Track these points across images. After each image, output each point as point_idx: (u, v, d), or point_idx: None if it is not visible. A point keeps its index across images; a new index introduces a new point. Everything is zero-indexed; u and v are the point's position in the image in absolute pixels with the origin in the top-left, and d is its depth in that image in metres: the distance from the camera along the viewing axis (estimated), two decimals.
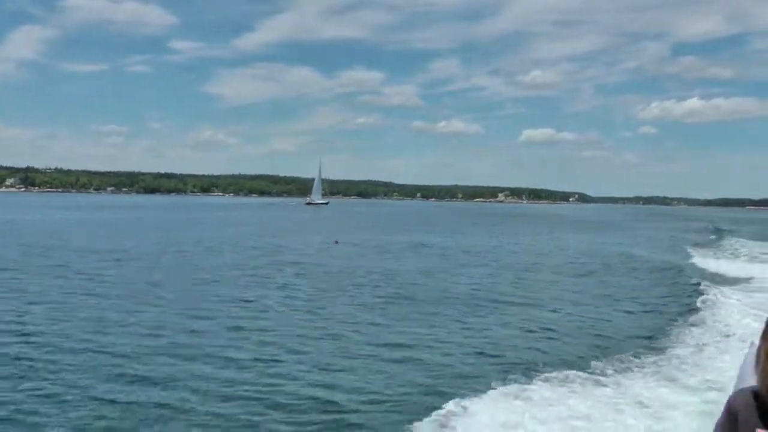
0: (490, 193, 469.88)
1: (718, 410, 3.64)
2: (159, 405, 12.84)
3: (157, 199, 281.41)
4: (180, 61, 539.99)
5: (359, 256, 45.50)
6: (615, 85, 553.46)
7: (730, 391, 3.97)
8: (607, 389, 13.23)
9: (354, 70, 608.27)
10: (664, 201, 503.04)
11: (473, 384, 13.90)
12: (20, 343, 17.43)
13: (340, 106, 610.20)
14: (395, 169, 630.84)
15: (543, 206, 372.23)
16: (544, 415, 11.41)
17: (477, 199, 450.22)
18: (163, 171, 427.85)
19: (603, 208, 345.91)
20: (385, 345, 18.23)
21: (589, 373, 14.45)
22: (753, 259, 43.57)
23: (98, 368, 15.13)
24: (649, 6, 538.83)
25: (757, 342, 3.60)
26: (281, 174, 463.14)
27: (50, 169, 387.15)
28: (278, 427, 11.98)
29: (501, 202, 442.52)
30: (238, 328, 20.10)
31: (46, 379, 14.24)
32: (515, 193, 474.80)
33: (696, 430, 10.79)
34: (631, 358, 16.02)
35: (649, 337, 19.09)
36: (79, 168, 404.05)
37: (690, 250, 51.44)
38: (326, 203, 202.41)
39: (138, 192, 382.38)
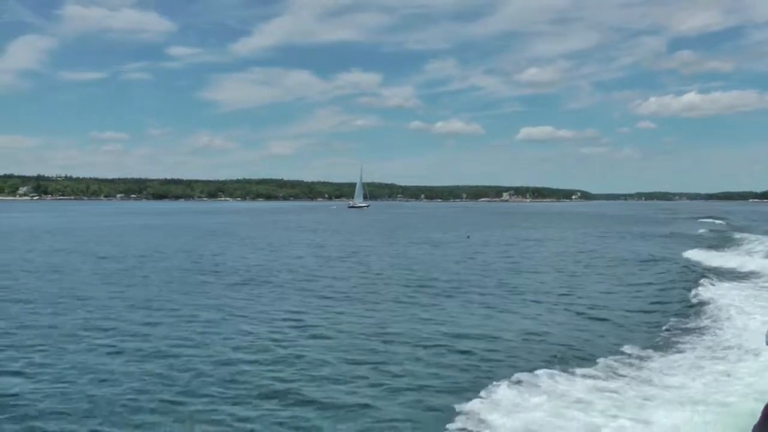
0: (495, 192, 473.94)
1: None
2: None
3: (174, 205, 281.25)
4: (178, 67, 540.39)
5: (510, 247, 49.89)
6: (612, 81, 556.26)
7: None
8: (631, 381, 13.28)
9: (351, 73, 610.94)
10: (665, 196, 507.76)
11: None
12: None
13: (339, 109, 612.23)
14: (395, 170, 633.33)
15: (549, 204, 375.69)
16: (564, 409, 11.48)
17: (482, 199, 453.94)
18: (163, 177, 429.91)
19: (610, 204, 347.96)
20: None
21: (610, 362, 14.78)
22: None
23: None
24: (644, 1, 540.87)
25: None
26: (283, 177, 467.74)
27: (60, 177, 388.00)
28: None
29: (506, 201, 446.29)
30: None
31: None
32: (519, 192, 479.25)
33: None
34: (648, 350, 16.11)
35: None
36: (83, 175, 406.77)
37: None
38: (367, 206, 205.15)
39: (147, 198, 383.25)
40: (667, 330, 18.62)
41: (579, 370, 13.85)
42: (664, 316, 20.99)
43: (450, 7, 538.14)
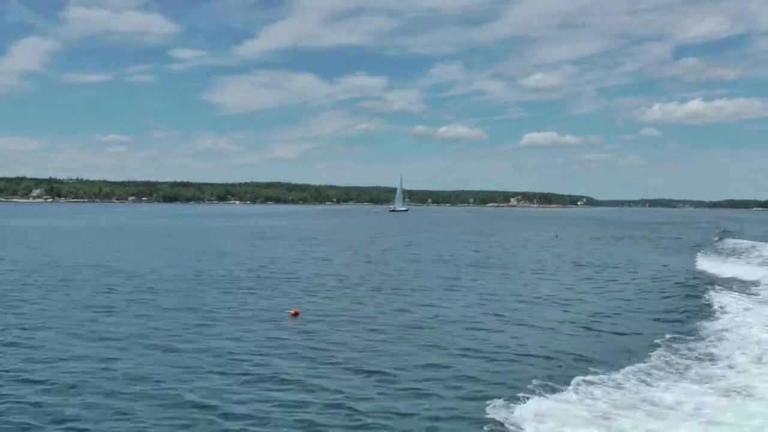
0: (503, 197, 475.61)
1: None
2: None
3: (192, 208, 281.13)
4: (182, 69, 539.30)
5: (607, 245, 53.59)
6: (617, 88, 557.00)
7: None
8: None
9: (356, 76, 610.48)
10: (669, 203, 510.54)
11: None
12: None
13: (343, 113, 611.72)
14: (399, 174, 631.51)
15: (562, 210, 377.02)
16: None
17: (489, 204, 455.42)
18: (168, 179, 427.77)
19: (618, 211, 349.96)
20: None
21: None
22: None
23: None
24: (650, 8, 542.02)
25: None
26: (288, 180, 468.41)
27: (72, 179, 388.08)
28: None
29: (513, 206, 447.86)
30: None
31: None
32: (526, 197, 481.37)
33: None
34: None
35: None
36: (87, 177, 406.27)
37: None
38: (406, 210, 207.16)
39: (158, 201, 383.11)
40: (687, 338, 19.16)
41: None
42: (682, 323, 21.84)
43: (456, 12, 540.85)
